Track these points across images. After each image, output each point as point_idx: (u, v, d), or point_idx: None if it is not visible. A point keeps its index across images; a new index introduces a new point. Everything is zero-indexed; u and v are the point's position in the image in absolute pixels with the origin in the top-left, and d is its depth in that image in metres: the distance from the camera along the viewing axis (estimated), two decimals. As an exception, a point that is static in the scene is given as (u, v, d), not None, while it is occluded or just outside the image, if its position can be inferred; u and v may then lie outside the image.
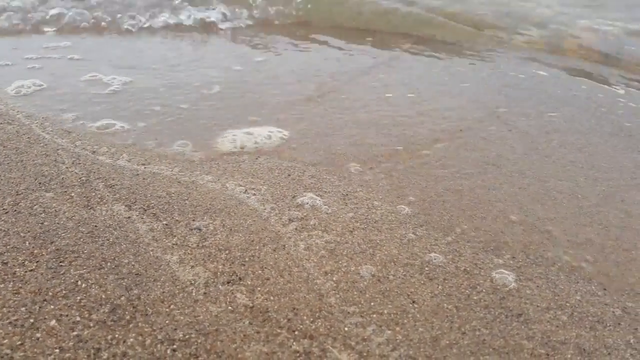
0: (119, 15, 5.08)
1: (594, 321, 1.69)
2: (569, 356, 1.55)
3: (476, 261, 1.93)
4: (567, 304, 1.76)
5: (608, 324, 1.68)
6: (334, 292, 1.74)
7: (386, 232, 2.07)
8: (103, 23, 5.02)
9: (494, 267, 1.91)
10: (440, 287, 1.80)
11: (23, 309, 1.54)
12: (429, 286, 1.80)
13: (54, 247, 1.82)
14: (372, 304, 1.70)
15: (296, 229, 2.05)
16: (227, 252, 1.89)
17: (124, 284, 1.70)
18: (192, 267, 1.80)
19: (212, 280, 1.75)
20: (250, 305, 1.66)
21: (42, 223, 1.94)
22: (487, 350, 1.55)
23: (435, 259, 1.93)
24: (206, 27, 5.35)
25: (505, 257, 1.97)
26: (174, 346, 1.48)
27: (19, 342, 1.43)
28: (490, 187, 2.45)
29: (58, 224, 1.95)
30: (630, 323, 1.69)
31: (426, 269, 1.88)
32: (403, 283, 1.80)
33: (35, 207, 2.03)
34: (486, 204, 2.31)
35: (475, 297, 1.76)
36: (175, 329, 1.54)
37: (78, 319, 1.54)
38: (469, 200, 2.34)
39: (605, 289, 1.84)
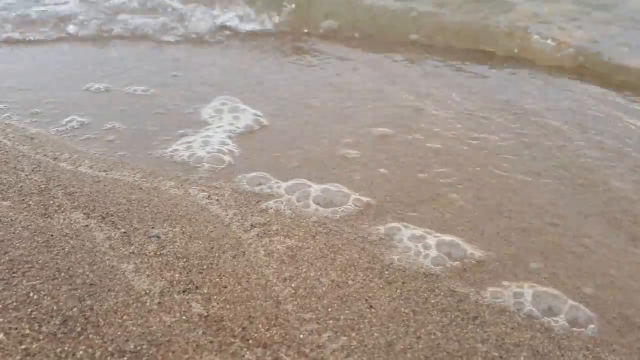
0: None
1: (549, 323, 1.71)
2: (522, 358, 1.57)
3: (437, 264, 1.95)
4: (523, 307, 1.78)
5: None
6: (291, 298, 1.74)
7: (348, 236, 2.07)
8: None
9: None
10: (398, 291, 1.82)
11: (-30, 323, 1.53)
12: (387, 290, 1.81)
13: (7, 258, 1.80)
14: (329, 309, 1.71)
15: (258, 234, 2.05)
16: (185, 260, 1.88)
17: (77, 294, 1.69)
18: (148, 276, 1.80)
19: (167, 289, 1.75)
20: (205, 314, 1.66)
21: (-4, 233, 1.92)
22: (441, 354, 1.57)
23: (396, 263, 1.94)
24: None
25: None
26: (125, 358, 1.48)
27: (-36, 358, 1.42)
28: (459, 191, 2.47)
29: (13, 233, 1.93)
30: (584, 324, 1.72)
31: (386, 272, 1.89)
32: (362, 288, 1.81)
33: (-10, 217, 2.02)
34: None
35: (432, 301, 1.78)
36: (127, 340, 1.54)
37: (27, 331, 1.53)
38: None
39: (561, 290, 1.87)
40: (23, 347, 1.48)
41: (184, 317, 1.64)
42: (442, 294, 1.81)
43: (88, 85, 3.49)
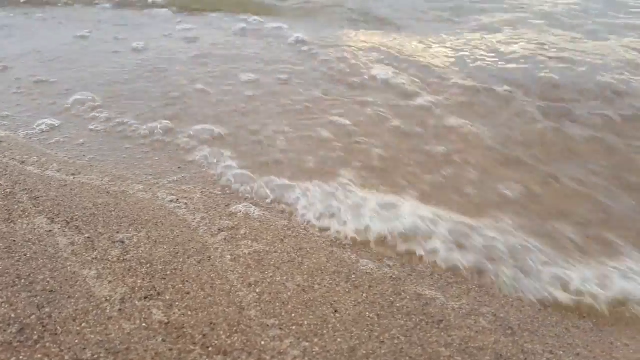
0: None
1: (514, 326, 1.71)
2: (485, 363, 1.56)
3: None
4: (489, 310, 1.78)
5: (525, 330, 1.71)
6: (255, 304, 1.73)
7: (317, 240, 2.06)
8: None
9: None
10: (364, 295, 1.81)
11: None
12: (353, 294, 1.80)
13: (-35, 265, 1.77)
14: (293, 315, 1.70)
15: (225, 239, 2.04)
16: (148, 265, 1.86)
17: (37, 301, 1.67)
18: (110, 282, 1.78)
19: (129, 295, 1.73)
20: (166, 321, 1.64)
21: (-46, 240, 1.89)
22: (404, 359, 1.56)
23: (364, 266, 1.93)
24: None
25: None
26: (80, 367, 1.45)
27: None
28: None
29: (-26, 240, 1.90)
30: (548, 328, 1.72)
31: (353, 276, 1.88)
32: (328, 292, 1.80)
33: (-50, 223, 1.98)
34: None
35: (398, 305, 1.77)
36: (84, 349, 1.52)
37: (-19, 341, 1.50)
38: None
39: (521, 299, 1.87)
40: (-24, 357, 1.45)
41: (144, 325, 1.62)
42: (408, 297, 1.81)
43: None
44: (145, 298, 1.72)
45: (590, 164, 2.74)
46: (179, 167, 2.54)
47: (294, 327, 1.65)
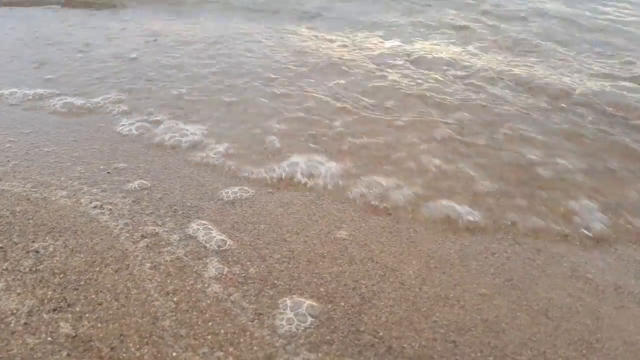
0: None
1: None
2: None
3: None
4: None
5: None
6: (171, 314, 1.68)
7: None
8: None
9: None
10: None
11: None
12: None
13: None
14: (210, 324, 1.65)
15: (147, 245, 1.98)
16: (61, 275, 1.80)
17: None
18: (19, 294, 1.71)
19: (37, 308, 1.66)
20: (73, 334, 1.58)
21: None
22: (319, 367, 1.53)
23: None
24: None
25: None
26: (-27, 386, 1.38)
27: None
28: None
29: None
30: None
31: (276, 281, 1.85)
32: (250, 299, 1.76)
33: None
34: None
35: (319, 311, 1.73)
36: (-19, 367, 1.44)
37: None
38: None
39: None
40: None
41: (49, 339, 1.56)
42: (330, 302, 1.77)
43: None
44: (54, 310, 1.65)
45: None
46: (108, 173, 2.46)
47: (209, 337, 1.61)
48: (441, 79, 3.92)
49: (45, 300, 1.69)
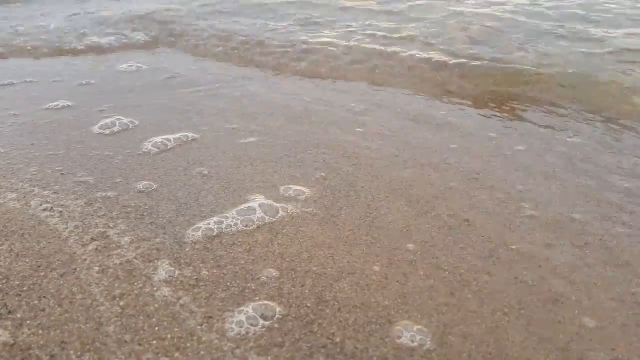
0: None
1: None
2: None
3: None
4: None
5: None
6: (116, 319, 1.63)
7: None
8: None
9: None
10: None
11: None
12: (228, 302, 1.72)
13: None
14: (156, 328, 1.61)
15: (97, 248, 1.92)
16: (4, 281, 1.74)
17: None
18: (-43, 302, 1.64)
19: (-26, 316, 1.59)
20: (12, 342, 1.52)
21: None
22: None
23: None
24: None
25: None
26: None
27: None
28: None
29: None
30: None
31: (228, 283, 1.81)
32: (200, 303, 1.71)
33: None
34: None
35: (271, 313, 1.70)
36: None
37: None
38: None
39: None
40: None
41: (-15, 347, 1.50)
42: (282, 304, 1.74)
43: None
44: (-7, 318, 1.59)
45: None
46: (62, 174, 2.40)
47: (154, 342, 1.57)
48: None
49: (-16, 308, 1.63)
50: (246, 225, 2.12)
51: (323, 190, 2.38)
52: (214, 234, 2.06)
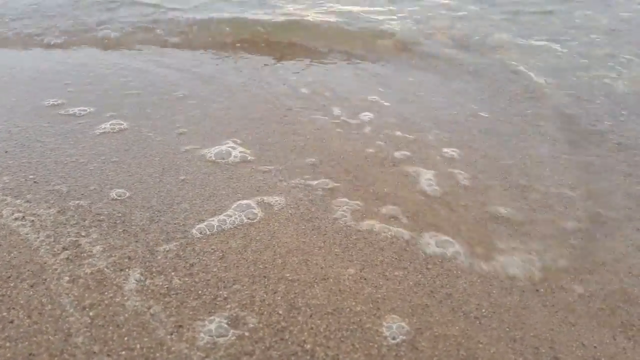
0: None
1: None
2: None
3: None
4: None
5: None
6: (85, 329, 1.63)
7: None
8: None
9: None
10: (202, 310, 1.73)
11: None
12: (199, 314, 1.72)
13: None
14: (125, 339, 1.61)
15: (68, 258, 1.92)
16: (-28, 293, 1.73)
17: None
18: None
19: (-59, 329, 1.58)
20: (-22, 355, 1.51)
21: None
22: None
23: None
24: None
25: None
26: None
27: None
28: None
29: None
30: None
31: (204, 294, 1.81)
32: (170, 312, 1.72)
33: None
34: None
35: (242, 321, 1.70)
36: None
37: None
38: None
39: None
40: None
41: (-50, 362, 1.49)
42: (253, 312, 1.75)
43: None
44: (-41, 331, 1.59)
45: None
46: (35, 182, 2.39)
47: (123, 352, 1.57)
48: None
49: (-49, 321, 1.62)
50: (222, 230, 2.12)
51: (299, 200, 2.39)
52: (187, 241, 2.06)
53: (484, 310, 1.80)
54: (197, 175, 2.54)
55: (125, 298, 1.77)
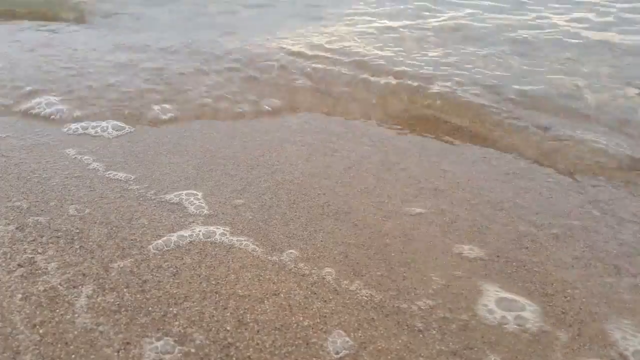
0: None
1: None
2: None
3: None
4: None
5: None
6: (34, 347, 1.68)
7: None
8: None
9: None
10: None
11: None
12: (149, 331, 1.77)
13: None
14: (73, 356, 1.66)
15: (23, 275, 1.96)
16: None
17: None
18: None
19: None
20: None
21: None
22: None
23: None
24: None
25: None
26: None
27: None
28: None
29: None
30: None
31: (150, 309, 1.86)
32: (120, 329, 1.77)
33: None
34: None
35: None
36: None
37: None
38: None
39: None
40: None
41: None
42: (200, 328, 1.80)
43: None
44: None
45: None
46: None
47: (70, 370, 1.61)
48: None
49: None
50: (178, 247, 2.17)
51: (264, 212, 2.44)
52: (142, 257, 2.11)
53: (427, 324, 1.86)
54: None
55: (76, 315, 1.82)
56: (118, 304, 1.87)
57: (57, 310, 1.83)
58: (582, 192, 2.74)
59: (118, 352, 1.69)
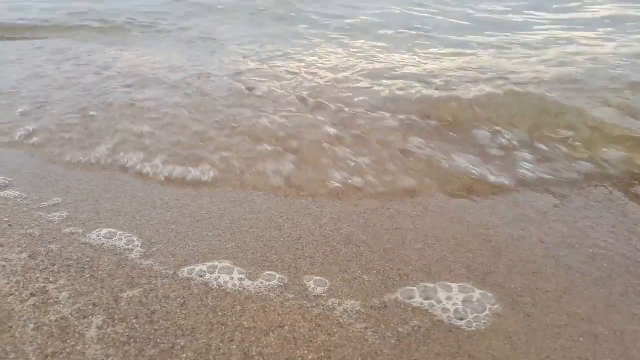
0: None
1: None
2: None
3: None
4: None
5: None
6: (46, 378, 1.73)
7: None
8: None
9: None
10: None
11: None
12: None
13: None
14: (84, 387, 1.71)
15: (35, 304, 2.03)
16: (-61, 341, 1.83)
17: None
18: None
19: None
20: (-61, 405, 1.61)
21: None
22: None
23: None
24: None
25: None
26: None
27: None
28: None
29: None
30: None
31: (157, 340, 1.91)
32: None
33: None
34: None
35: None
36: None
37: None
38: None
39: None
40: None
41: None
42: None
43: None
44: None
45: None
46: (10, 225, 2.51)
47: (80, 402, 1.66)
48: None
49: None
50: (186, 278, 2.23)
51: (263, 247, 2.50)
52: (151, 287, 2.17)
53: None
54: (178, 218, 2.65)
55: (87, 346, 1.87)
56: (127, 335, 1.93)
57: (69, 341, 1.89)
58: None
59: (127, 383, 1.74)
